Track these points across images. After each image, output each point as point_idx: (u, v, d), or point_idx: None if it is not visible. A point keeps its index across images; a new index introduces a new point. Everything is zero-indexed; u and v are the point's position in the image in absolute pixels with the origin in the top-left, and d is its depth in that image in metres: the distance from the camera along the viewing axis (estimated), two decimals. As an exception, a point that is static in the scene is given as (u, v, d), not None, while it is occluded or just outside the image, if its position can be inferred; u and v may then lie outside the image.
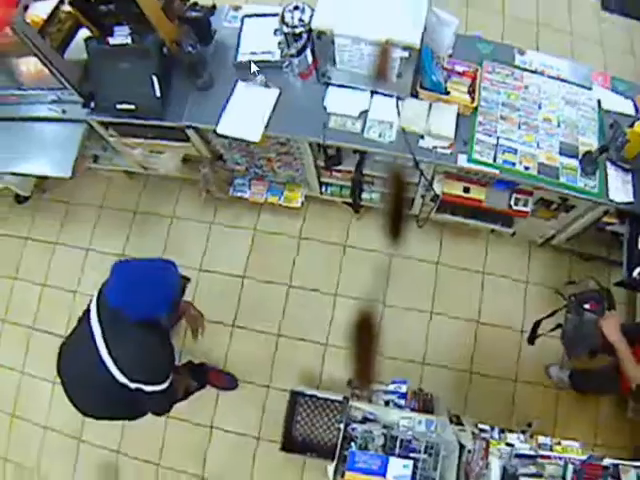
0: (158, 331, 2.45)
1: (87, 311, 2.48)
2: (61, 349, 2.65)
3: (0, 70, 3.17)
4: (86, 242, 4.33)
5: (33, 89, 3.26)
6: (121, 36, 2.83)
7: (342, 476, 2.55)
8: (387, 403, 2.89)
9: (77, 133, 3.35)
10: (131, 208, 4.33)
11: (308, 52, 2.76)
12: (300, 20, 2.60)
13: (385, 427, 2.63)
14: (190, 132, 3.18)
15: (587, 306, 2.62)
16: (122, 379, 2.34)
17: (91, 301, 2.48)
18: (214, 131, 3.01)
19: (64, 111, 3.29)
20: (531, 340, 3.09)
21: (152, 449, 3.71)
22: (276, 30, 2.77)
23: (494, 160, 2.75)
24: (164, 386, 2.45)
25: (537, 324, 3.05)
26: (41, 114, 3.37)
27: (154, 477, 3.69)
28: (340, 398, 3.15)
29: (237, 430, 3.68)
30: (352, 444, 2.60)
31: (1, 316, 4.28)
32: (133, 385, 2.36)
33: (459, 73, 2.83)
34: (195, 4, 2.98)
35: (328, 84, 2.90)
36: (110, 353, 2.32)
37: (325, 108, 2.90)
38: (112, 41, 2.84)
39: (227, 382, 3.73)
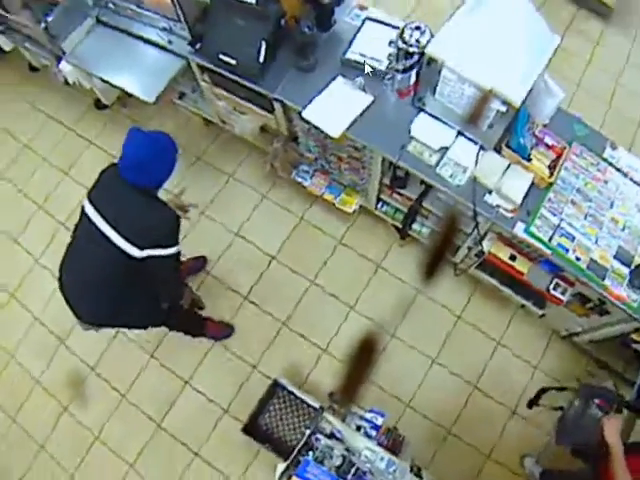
0: (157, 198, 2.68)
1: (82, 215, 2.63)
2: (63, 262, 2.77)
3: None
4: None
5: (150, 11, 3.42)
6: None
7: (288, 479, 2.60)
8: (358, 428, 2.90)
9: (174, 66, 3.47)
10: (196, 153, 4.49)
11: (413, 73, 2.81)
12: (417, 41, 2.65)
13: (347, 450, 2.65)
14: (277, 105, 3.26)
15: (597, 401, 2.58)
16: (133, 251, 2.46)
17: (83, 206, 2.62)
18: (299, 113, 3.08)
19: (170, 42, 3.43)
20: (530, 404, 3.06)
21: (124, 380, 3.84)
22: (391, 42, 2.83)
23: (549, 239, 2.75)
24: (173, 250, 2.60)
25: (543, 391, 3.03)
26: (149, 37, 3.52)
27: (114, 405, 3.82)
28: (317, 405, 3.21)
29: (209, 395, 3.77)
30: (310, 453, 2.64)
31: (39, 202, 4.51)
32: (144, 252, 2.48)
33: (547, 145, 2.83)
34: (326, -10, 3.06)
35: (421, 110, 2.94)
36: (117, 230, 2.47)
37: (409, 131, 2.93)
38: None
39: (223, 331, 3.86)
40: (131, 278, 2.62)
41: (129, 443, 3.74)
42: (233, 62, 3.12)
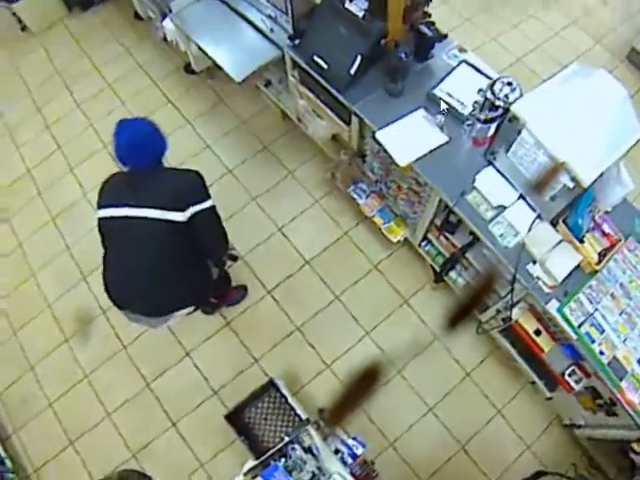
0: (168, 168, 2.95)
1: (103, 223, 2.76)
2: (106, 272, 2.87)
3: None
4: (210, 140, 4.69)
5: (264, -2, 3.57)
6: (357, 7, 3.04)
7: (253, 477, 2.66)
8: (337, 452, 2.94)
9: (269, 54, 3.63)
10: (265, 141, 4.64)
11: (493, 126, 2.85)
12: (505, 96, 2.70)
13: (319, 469, 2.69)
14: (355, 119, 3.36)
15: None
16: (177, 216, 2.60)
17: (100, 218, 2.76)
18: (373, 132, 3.16)
19: (272, 30, 3.59)
20: None
21: (130, 332, 3.97)
22: (480, 90, 2.88)
23: (579, 326, 2.74)
24: (210, 202, 2.74)
25: (540, 474, 3.02)
26: (254, 19, 3.70)
27: (113, 352, 3.97)
28: (304, 416, 3.28)
29: (205, 372, 3.86)
30: (282, 460, 2.69)
31: (106, 141, 4.75)
32: (187, 213, 2.62)
33: (603, 232, 2.83)
34: (432, 23, 3.14)
35: (490, 163, 2.98)
36: (152, 206, 2.59)
37: (473, 181, 2.97)
38: (347, 5, 3.06)
39: (239, 293, 4.02)
40: (182, 249, 2.72)
41: (114, 393, 3.87)
42: (325, 66, 3.24)
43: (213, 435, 3.65)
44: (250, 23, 3.75)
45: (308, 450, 2.78)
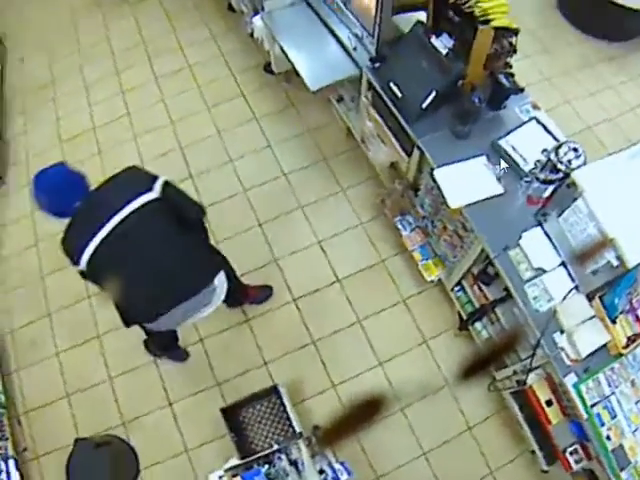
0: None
1: (95, 256, 2.61)
2: (132, 296, 2.75)
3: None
4: (273, 140, 4.84)
5: (352, 14, 3.70)
6: (442, 44, 3.14)
7: (233, 476, 2.71)
8: (321, 472, 2.98)
9: (348, 71, 3.75)
10: (325, 154, 4.77)
11: (550, 188, 2.88)
12: (568, 161, 2.73)
13: (300, 485, 2.72)
14: (416, 152, 3.43)
15: None
16: (150, 195, 2.65)
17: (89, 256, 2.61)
18: (432, 169, 3.23)
19: (355, 49, 3.71)
20: None
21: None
22: (545, 150, 2.92)
23: (592, 405, 2.72)
24: (163, 177, 2.77)
25: None
26: (339, 34, 3.82)
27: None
28: (298, 429, 3.32)
29: (212, 362, 3.97)
30: (266, 466, 2.75)
31: (173, 118, 4.99)
32: (156, 187, 2.67)
33: (637, 317, 2.80)
34: (512, 75, 3.21)
35: (540, 224, 3.00)
36: (124, 203, 2.60)
37: (519, 237, 2.99)
38: (434, 40, 3.16)
39: (264, 292, 4.11)
40: (175, 222, 2.74)
41: (121, 359, 3.99)
42: (399, 94, 3.33)
43: (205, 425, 3.71)
44: (336, 37, 3.88)
45: (293, 463, 2.82)
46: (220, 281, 2.99)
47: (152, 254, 2.68)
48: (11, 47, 5.70)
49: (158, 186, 2.69)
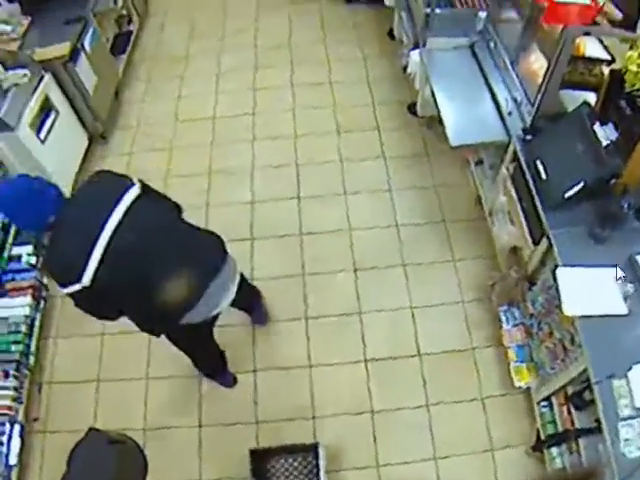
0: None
1: (106, 253, 2.65)
2: (162, 290, 2.88)
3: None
4: (395, 185, 5.06)
5: (516, 76, 3.96)
6: (605, 134, 3.23)
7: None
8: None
9: (496, 135, 3.94)
10: (445, 216, 4.96)
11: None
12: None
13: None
14: (544, 242, 3.49)
15: None
16: (135, 189, 2.82)
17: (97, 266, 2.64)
18: (555, 266, 3.27)
19: (510, 113, 3.91)
20: None
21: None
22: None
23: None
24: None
25: None
26: (497, 93, 4.07)
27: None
28: None
29: (258, 396, 4.09)
30: None
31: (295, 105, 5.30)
32: (137, 184, 2.86)
33: None
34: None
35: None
36: (117, 203, 2.72)
37: (628, 369, 2.98)
38: (596, 127, 3.26)
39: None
40: (170, 209, 3.10)
41: (166, 362, 4.18)
42: (543, 176, 3.44)
43: (228, 460, 3.80)
44: (492, 95, 4.05)
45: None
46: (231, 257, 3.26)
47: (166, 243, 2.88)
48: (154, 11, 6.29)
49: (136, 180, 2.90)
